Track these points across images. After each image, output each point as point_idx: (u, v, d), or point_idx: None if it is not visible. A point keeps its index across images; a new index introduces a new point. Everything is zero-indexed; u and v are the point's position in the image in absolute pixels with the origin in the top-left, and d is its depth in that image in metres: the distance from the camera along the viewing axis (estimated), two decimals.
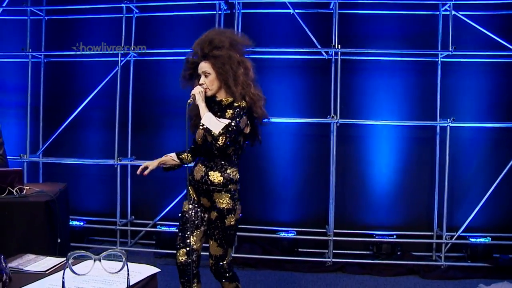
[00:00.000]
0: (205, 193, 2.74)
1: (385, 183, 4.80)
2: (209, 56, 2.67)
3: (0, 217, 2.87)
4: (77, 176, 5.10)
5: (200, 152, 2.85)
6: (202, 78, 2.70)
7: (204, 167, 2.73)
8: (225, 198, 2.70)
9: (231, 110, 2.65)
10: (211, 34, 2.75)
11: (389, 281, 4.15)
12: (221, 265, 2.75)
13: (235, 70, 2.68)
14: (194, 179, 2.78)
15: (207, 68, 2.68)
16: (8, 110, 5.08)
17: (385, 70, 4.75)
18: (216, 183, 2.69)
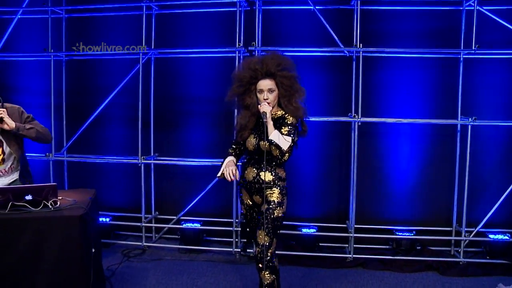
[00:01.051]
0: (258, 191, 3.21)
1: (405, 179, 4.85)
2: (276, 75, 3.12)
3: (37, 231, 3.02)
4: (101, 173, 5.21)
5: (240, 155, 3.39)
6: (265, 94, 3.12)
7: (256, 169, 3.19)
8: (275, 192, 3.15)
9: (286, 127, 3.10)
10: (275, 56, 3.19)
11: (409, 278, 4.25)
12: (266, 254, 3.09)
13: (298, 90, 3.16)
14: (246, 181, 3.26)
15: (272, 86, 3.13)
16: (32, 109, 5.13)
17: (406, 67, 4.72)
18: (267, 181, 3.16)
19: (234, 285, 4.07)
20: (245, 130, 3.20)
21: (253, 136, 3.20)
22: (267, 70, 3.11)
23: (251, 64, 3.16)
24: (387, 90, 4.79)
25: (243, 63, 3.31)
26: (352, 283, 4.16)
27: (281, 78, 3.11)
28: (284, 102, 3.14)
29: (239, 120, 3.26)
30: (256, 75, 3.13)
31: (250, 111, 3.19)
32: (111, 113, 5.05)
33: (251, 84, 3.16)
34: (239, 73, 3.22)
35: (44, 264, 3.01)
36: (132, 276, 4.22)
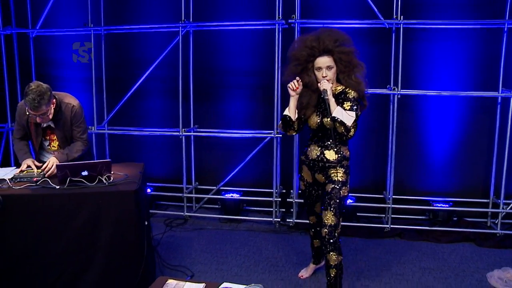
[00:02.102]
0: (321, 170, 3.24)
1: (443, 151, 4.86)
2: (334, 51, 3.07)
3: (95, 206, 3.16)
4: (141, 144, 5.34)
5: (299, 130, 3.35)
6: (324, 71, 3.09)
7: (319, 147, 3.22)
8: (340, 172, 3.16)
9: (349, 102, 3.07)
10: (331, 31, 3.14)
11: (446, 248, 4.34)
12: (334, 234, 3.15)
13: (357, 65, 3.11)
14: (309, 159, 3.29)
15: (331, 62, 3.10)
16: (73, 83, 5.27)
17: (445, 39, 4.65)
18: (332, 160, 3.17)
19: (276, 254, 4.21)
20: (308, 108, 3.20)
21: (315, 114, 3.21)
22: (324, 47, 3.07)
23: (307, 41, 3.11)
24: (425, 62, 4.74)
25: (299, 41, 3.23)
26: (391, 252, 4.26)
27: (339, 54, 3.07)
28: (343, 77, 3.12)
29: (300, 98, 3.22)
30: (313, 53, 3.09)
31: (310, 89, 3.17)
32: (150, 86, 5.13)
33: (308, 62, 3.13)
34: (295, 52, 3.17)
35: (101, 237, 3.15)
36: (177, 246, 4.39)
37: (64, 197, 3.11)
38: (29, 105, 3.30)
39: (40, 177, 3.30)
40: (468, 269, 3.93)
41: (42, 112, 3.36)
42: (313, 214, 3.54)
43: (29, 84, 3.36)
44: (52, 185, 3.18)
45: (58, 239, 3.11)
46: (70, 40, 5.25)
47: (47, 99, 3.32)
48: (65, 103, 3.59)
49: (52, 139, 3.69)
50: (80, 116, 3.66)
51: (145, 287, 3.28)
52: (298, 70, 3.16)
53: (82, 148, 3.66)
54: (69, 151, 3.60)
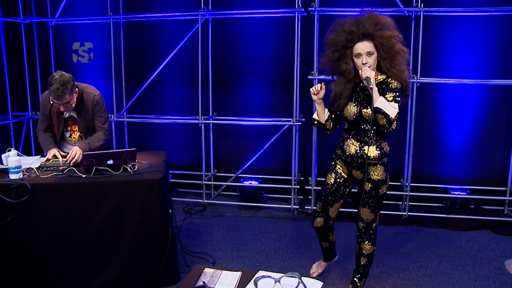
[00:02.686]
0: (360, 166, 2.99)
1: (460, 139, 4.87)
2: (375, 36, 2.80)
3: (121, 194, 3.22)
4: (159, 132, 5.40)
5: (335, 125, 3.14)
6: (364, 57, 2.82)
7: (358, 142, 2.96)
8: (380, 170, 2.95)
9: (391, 92, 2.82)
10: (371, 15, 2.85)
11: (463, 236, 4.37)
12: (371, 227, 3.14)
13: (400, 51, 2.84)
14: (346, 153, 3.03)
15: (371, 48, 2.83)
16: (93, 71, 5.32)
17: (465, 26, 4.63)
18: (372, 157, 2.93)
19: (296, 242, 4.27)
20: (341, 98, 2.95)
21: (352, 104, 2.96)
22: (364, 31, 2.80)
23: (345, 26, 2.84)
24: (444, 50, 4.73)
25: (336, 26, 2.92)
26: (408, 240, 4.31)
27: (380, 39, 2.80)
28: (385, 65, 2.85)
29: (334, 88, 2.99)
30: (353, 38, 2.83)
31: (346, 77, 2.92)
32: (169, 74, 5.18)
33: (346, 49, 2.86)
34: (333, 37, 2.89)
35: (127, 225, 3.23)
36: (197, 232, 4.47)
37: (90, 186, 3.18)
38: (53, 94, 3.37)
39: (66, 166, 3.38)
40: (486, 256, 3.96)
41: (66, 101, 3.43)
42: (323, 216, 3.25)
43: (52, 74, 3.43)
44: (78, 174, 3.25)
45: (84, 227, 3.19)
46: (90, 28, 5.28)
47: (70, 88, 3.40)
48: (87, 93, 3.66)
49: (73, 130, 3.76)
50: (102, 105, 3.73)
51: (169, 274, 3.39)
52: (335, 57, 2.89)
53: (103, 137, 3.72)
54: (91, 140, 3.66)
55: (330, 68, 2.98)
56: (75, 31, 5.36)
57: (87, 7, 5.21)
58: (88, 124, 3.71)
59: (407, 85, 2.90)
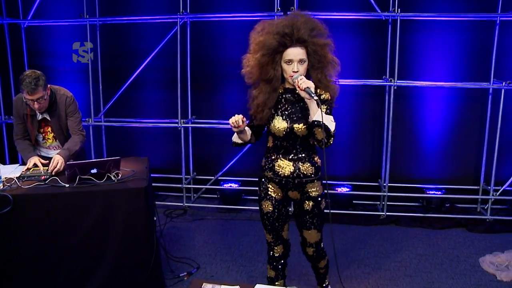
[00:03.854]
0: (296, 187, 2.75)
1: (436, 140, 5.01)
2: (309, 42, 2.55)
3: (106, 203, 3.18)
4: (139, 136, 5.36)
5: (257, 136, 2.85)
6: (295, 65, 2.57)
7: (291, 162, 2.71)
8: (317, 185, 2.77)
9: (324, 104, 2.61)
10: (308, 19, 2.58)
11: (439, 234, 4.51)
12: (320, 247, 2.94)
13: (332, 61, 2.63)
14: (279, 176, 2.74)
15: (303, 55, 2.57)
16: (67, 75, 5.21)
17: (439, 30, 4.75)
18: (309, 174, 2.72)
19: None
20: (265, 109, 2.66)
21: (280, 118, 2.68)
22: (299, 36, 2.53)
23: (279, 28, 2.54)
24: (419, 53, 4.84)
25: (267, 26, 2.61)
26: (387, 239, 4.42)
27: (314, 47, 2.56)
28: (316, 75, 2.62)
29: (256, 96, 2.69)
30: (285, 42, 2.54)
31: (272, 85, 2.64)
32: (147, 77, 5.12)
33: (276, 53, 2.58)
34: (264, 39, 2.57)
35: (112, 234, 3.20)
36: (179, 237, 4.46)
37: (74, 196, 3.14)
38: (26, 88, 3.32)
39: (48, 176, 3.32)
40: (462, 254, 4.10)
41: (40, 96, 3.37)
42: (281, 243, 2.95)
43: (22, 73, 3.38)
44: (61, 183, 3.20)
45: (68, 238, 3.15)
46: (65, 30, 5.18)
47: (43, 82, 3.36)
48: (60, 94, 3.63)
49: (46, 131, 3.69)
50: (75, 106, 3.68)
51: (154, 281, 3.38)
52: (264, 61, 2.59)
53: (80, 140, 3.67)
54: (69, 146, 3.60)
55: (256, 74, 2.67)
56: (50, 33, 5.24)
57: (62, 9, 5.09)
58: (62, 125, 3.66)
59: (335, 97, 2.73)
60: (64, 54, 5.21)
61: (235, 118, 2.60)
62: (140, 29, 5.08)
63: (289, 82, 2.66)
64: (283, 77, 2.66)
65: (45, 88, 3.40)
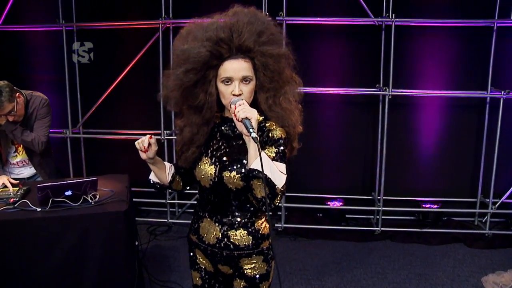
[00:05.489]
0: (227, 260, 1.94)
1: (431, 150, 4.80)
2: (257, 52, 1.75)
3: (82, 228, 2.91)
4: (119, 148, 5.04)
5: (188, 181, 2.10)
6: (237, 85, 1.76)
7: (219, 224, 1.91)
8: (257, 262, 1.93)
9: (273, 146, 1.78)
10: (253, 17, 1.76)
11: (437, 251, 4.31)
12: None
13: (291, 80, 1.87)
14: (204, 243, 1.95)
15: (248, 71, 1.77)
16: (42, 83, 4.90)
17: (435, 36, 4.55)
18: (243, 246, 1.90)
19: None
20: (191, 147, 1.89)
21: (208, 161, 1.89)
22: (240, 42, 1.73)
23: (212, 31, 1.73)
24: (413, 61, 4.64)
25: (194, 29, 1.80)
26: (383, 257, 4.20)
27: (264, 58, 1.75)
28: (266, 100, 1.82)
29: (182, 128, 1.92)
30: (221, 52, 1.74)
31: (203, 115, 1.84)
32: (127, 86, 4.82)
33: (209, 69, 1.77)
34: (188, 48, 1.75)
35: (90, 262, 2.91)
36: (163, 257, 4.19)
37: (47, 221, 2.83)
38: None
39: (17, 198, 3.02)
40: (463, 273, 3.90)
41: (8, 110, 3.11)
42: None
43: None
44: (32, 207, 2.90)
45: (41, 266, 2.85)
46: (39, 37, 4.87)
47: (7, 95, 3.08)
48: (35, 96, 3.37)
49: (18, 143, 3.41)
50: (48, 110, 3.42)
51: None
52: (189, 81, 1.77)
53: (37, 140, 3.33)
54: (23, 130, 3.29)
55: (179, 99, 1.84)
56: (24, 39, 4.92)
57: (36, 14, 4.78)
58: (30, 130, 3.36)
59: (297, 133, 1.92)
60: (38, 62, 4.90)
61: (141, 138, 1.93)
62: (121, 35, 4.78)
63: (228, 109, 1.83)
64: (220, 102, 1.85)
65: (12, 100, 3.12)
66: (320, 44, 4.66)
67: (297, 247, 4.38)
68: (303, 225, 4.63)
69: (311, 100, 4.66)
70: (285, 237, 4.59)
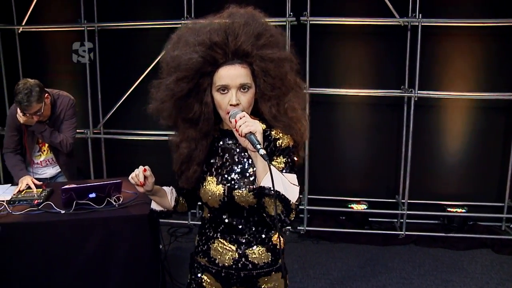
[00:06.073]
0: (243, 282, 1.79)
1: (457, 153, 4.69)
2: (256, 56, 1.58)
3: (106, 231, 2.87)
4: (141, 147, 5.02)
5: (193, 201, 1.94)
6: (235, 94, 1.59)
7: (235, 244, 1.75)
8: (277, 280, 1.80)
9: (282, 156, 1.63)
10: (250, 19, 1.60)
11: (464, 256, 4.20)
12: None
13: (295, 86, 1.68)
14: (217, 265, 1.78)
15: (247, 78, 1.60)
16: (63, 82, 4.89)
17: (462, 36, 4.44)
18: (262, 264, 1.76)
19: (291, 267, 3.98)
20: (192, 164, 1.72)
21: (214, 180, 1.72)
22: (237, 46, 1.57)
23: (204, 34, 1.58)
24: (438, 62, 4.53)
25: (188, 33, 1.63)
26: (408, 262, 4.11)
27: (263, 63, 1.59)
28: (269, 109, 1.64)
29: (178, 144, 1.74)
30: (215, 57, 1.58)
31: (200, 129, 1.67)
32: (147, 87, 4.79)
33: (202, 76, 1.61)
34: (180, 54, 1.58)
35: (114, 265, 2.88)
36: (185, 259, 4.06)
37: (71, 223, 2.81)
38: (20, 106, 3.04)
39: (41, 200, 3.00)
40: (492, 280, 3.79)
41: (35, 110, 3.08)
42: None
43: (17, 83, 3.08)
44: (56, 209, 2.88)
45: (65, 270, 2.82)
46: (63, 37, 4.86)
47: (37, 95, 3.04)
48: (63, 96, 3.35)
49: (43, 142, 3.39)
50: (74, 112, 3.40)
51: None
52: (183, 90, 1.61)
53: (65, 141, 3.32)
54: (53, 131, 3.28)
55: (171, 112, 1.68)
56: (46, 39, 4.92)
57: (59, 13, 4.78)
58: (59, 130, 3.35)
59: (303, 141, 1.74)
60: (59, 61, 4.89)
61: (134, 172, 1.77)
62: (143, 35, 4.75)
63: (226, 121, 1.67)
64: (217, 113, 1.68)
65: (41, 100, 3.09)
66: (344, 45, 4.59)
67: (320, 251, 4.31)
68: (326, 228, 4.56)
69: (335, 102, 4.59)
70: (307, 240, 4.51)
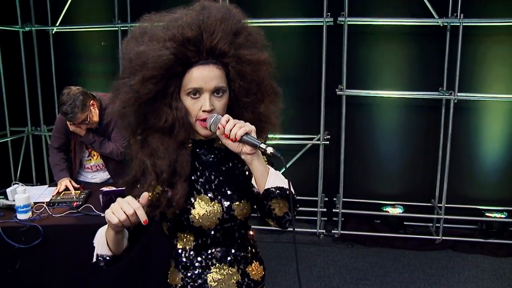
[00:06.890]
0: None
1: (496, 156, 4.56)
2: (232, 56, 1.38)
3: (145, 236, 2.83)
4: None
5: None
6: (207, 98, 1.37)
7: (236, 264, 1.55)
8: None
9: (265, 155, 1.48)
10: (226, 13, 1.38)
11: (505, 263, 4.07)
12: None
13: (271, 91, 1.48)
14: None
15: (221, 81, 1.39)
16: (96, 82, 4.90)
17: (501, 36, 4.30)
18: (260, 280, 1.61)
19: (327, 272, 3.93)
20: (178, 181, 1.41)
21: (204, 198, 1.47)
22: (213, 44, 1.35)
23: (175, 28, 1.33)
24: (480, 63, 4.40)
25: (153, 27, 1.39)
26: (447, 268, 4.00)
27: (240, 65, 1.39)
28: (241, 117, 1.42)
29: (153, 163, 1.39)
30: (187, 56, 1.35)
31: (175, 137, 1.40)
32: None
33: (171, 78, 1.36)
34: (145, 50, 1.33)
35: (153, 268, 2.87)
36: None
37: None
38: (65, 117, 3.00)
39: (80, 202, 2.99)
40: None
41: (81, 120, 3.02)
42: None
43: (61, 92, 3.03)
44: (96, 212, 2.87)
45: (105, 273, 2.79)
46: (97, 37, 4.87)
47: (80, 105, 2.96)
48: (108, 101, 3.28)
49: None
50: None
51: None
52: (149, 93, 1.35)
53: (116, 150, 3.22)
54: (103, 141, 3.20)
55: (134, 118, 1.40)
56: (78, 39, 4.93)
57: (92, 14, 4.79)
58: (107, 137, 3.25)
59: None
60: (93, 60, 4.90)
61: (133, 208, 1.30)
62: None
63: (197, 130, 1.44)
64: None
65: (86, 109, 3.01)
66: (380, 46, 4.49)
67: (355, 255, 4.23)
68: (361, 232, 4.49)
69: (371, 104, 4.50)
70: (342, 244, 4.44)
